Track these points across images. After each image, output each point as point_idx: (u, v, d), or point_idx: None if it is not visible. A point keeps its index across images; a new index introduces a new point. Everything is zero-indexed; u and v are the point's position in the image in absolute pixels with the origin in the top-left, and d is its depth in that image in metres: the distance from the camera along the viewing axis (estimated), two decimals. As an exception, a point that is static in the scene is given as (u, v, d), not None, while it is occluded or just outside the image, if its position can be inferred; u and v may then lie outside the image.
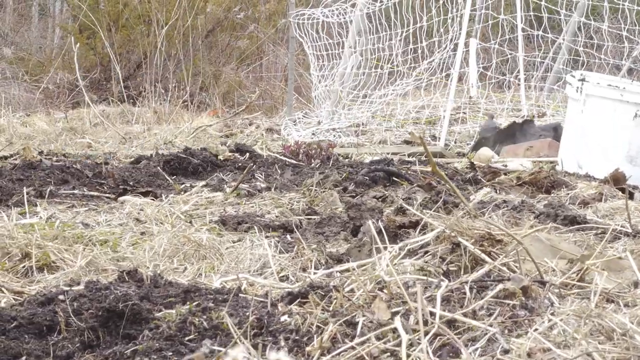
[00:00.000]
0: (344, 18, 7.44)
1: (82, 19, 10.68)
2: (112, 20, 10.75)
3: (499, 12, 7.76)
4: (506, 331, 1.68)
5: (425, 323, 1.66)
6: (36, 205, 3.50)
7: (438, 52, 6.44)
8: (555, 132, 5.34)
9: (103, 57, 11.81)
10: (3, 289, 2.37)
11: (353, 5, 7.21)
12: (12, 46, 12.04)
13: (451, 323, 1.69)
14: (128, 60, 11.70)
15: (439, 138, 5.92)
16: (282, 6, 13.22)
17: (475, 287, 1.79)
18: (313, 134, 6.61)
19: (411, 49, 7.13)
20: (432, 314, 1.66)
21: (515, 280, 1.74)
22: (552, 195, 3.40)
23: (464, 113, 6.85)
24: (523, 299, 1.73)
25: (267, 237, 2.69)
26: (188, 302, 1.99)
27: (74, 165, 4.59)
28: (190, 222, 3.06)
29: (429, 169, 3.86)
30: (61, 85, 10.76)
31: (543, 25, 7.56)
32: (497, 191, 3.44)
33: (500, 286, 1.71)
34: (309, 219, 3.06)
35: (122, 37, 11.02)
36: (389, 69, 6.75)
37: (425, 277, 1.92)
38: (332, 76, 7.23)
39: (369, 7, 6.97)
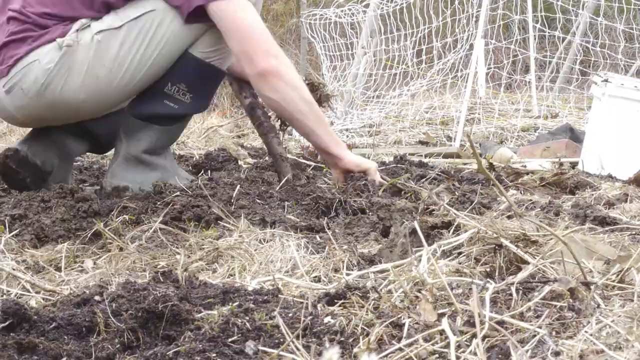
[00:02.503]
0: (356, 18, 7.43)
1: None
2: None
3: (508, 12, 7.75)
4: (554, 333, 1.66)
5: (474, 325, 1.65)
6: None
7: (453, 52, 6.43)
8: (572, 132, 5.33)
9: (111, 58, 11.82)
10: (36, 287, 2.36)
11: (366, 6, 7.20)
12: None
13: (498, 325, 1.68)
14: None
15: (454, 139, 5.91)
16: (290, 6, 13.23)
17: (521, 288, 1.78)
18: (326, 134, 6.58)
19: (423, 50, 7.12)
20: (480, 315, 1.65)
21: (563, 282, 1.72)
22: (577, 196, 3.39)
23: (478, 114, 6.84)
24: (570, 300, 1.72)
25: (296, 237, 2.67)
26: (228, 303, 1.98)
27: (93, 166, 4.58)
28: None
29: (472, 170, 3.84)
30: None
31: (555, 24, 7.55)
32: (522, 192, 3.43)
33: (548, 288, 1.70)
34: (334, 219, 3.04)
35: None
36: (403, 69, 6.74)
37: (470, 279, 1.91)
38: (345, 77, 7.22)
39: (382, 8, 6.96)
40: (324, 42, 7.48)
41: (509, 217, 2.55)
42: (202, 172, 4.14)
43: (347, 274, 2.29)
